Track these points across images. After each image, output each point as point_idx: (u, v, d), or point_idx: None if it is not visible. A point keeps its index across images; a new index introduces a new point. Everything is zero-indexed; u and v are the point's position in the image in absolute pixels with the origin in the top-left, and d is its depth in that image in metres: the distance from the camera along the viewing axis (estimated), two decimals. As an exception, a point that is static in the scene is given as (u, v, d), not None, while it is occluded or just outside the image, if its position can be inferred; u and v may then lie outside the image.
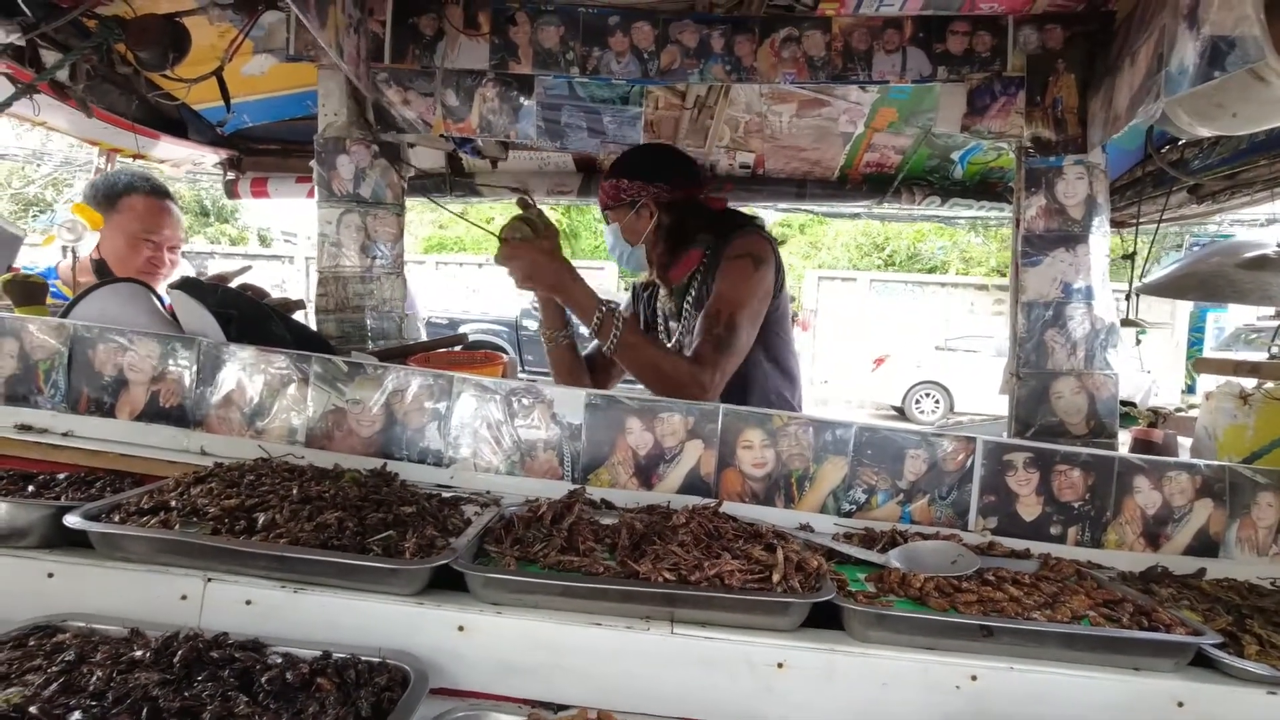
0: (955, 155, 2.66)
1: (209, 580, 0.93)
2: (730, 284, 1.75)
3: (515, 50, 1.87)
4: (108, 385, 1.35)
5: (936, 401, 12.75)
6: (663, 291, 2.03)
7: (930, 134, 2.48)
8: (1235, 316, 10.94)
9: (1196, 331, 10.80)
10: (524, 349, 10.86)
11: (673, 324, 2.03)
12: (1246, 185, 2.05)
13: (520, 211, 1.65)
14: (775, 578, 0.96)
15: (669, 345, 2.01)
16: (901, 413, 12.91)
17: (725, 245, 1.84)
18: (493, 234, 1.64)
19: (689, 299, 1.93)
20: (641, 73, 1.89)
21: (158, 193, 2.16)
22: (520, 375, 2.22)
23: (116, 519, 0.98)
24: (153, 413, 1.35)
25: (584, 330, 1.75)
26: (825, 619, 0.97)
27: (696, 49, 1.87)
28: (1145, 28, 1.46)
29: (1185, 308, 11.73)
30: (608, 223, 1.97)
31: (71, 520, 0.94)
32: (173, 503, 1.01)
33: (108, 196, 2.09)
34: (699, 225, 1.93)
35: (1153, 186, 2.29)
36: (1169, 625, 0.96)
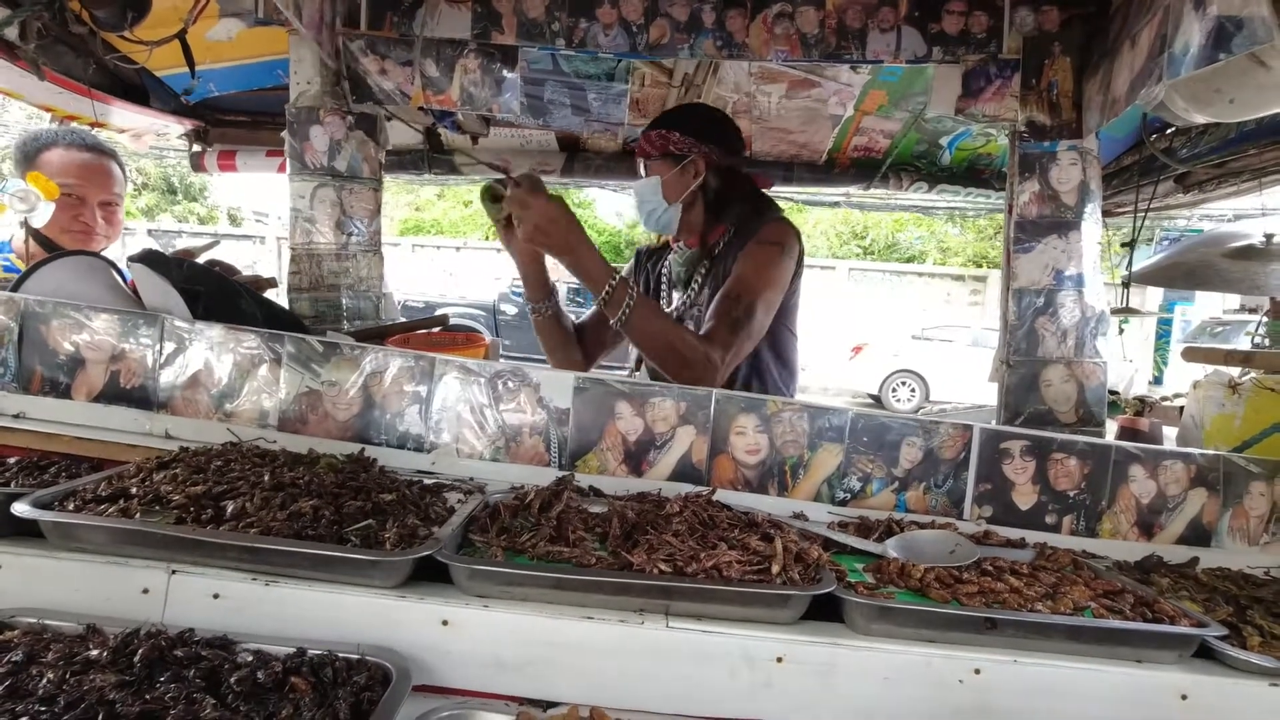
0: (944, 141, 2.64)
1: (173, 572, 0.87)
2: (754, 269, 1.68)
3: (498, 19, 1.79)
4: (63, 364, 1.27)
5: (912, 390, 12.89)
6: (674, 257, 1.93)
7: (920, 118, 2.46)
8: (1201, 309, 11.19)
9: (1164, 324, 11.05)
10: (502, 333, 10.74)
11: (675, 293, 1.95)
12: (1234, 175, 2.06)
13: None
14: (775, 569, 0.93)
15: (669, 313, 1.94)
16: (878, 401, 13.03)
17: (755, 229, 1.76)
18: (506, 173, 1.52)
19: (701, 271, 1.85)
20: (630, 47, 1.82)
21: (80, 145, 1.92)
22: (500, 358, 2.16)
23: (71, 506, 0.91)
24: (113, 394, 1.27)
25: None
26: (824, 611, 0.93)
27: (687, 23, 1.82)
28: (1147, 9, 1.43)
29: (1155, 300, 11.97)
30: (645, 173, 1.83)
31: (20, 508, 0.87)
32: (134, 489, 0.95)
33: (26, 156, 1.89)
34: (740, 198, 1.84)
35: (1140, 175, 2.29)
36: (1172, 617, 0.94)
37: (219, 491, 0.95)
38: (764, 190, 1.93)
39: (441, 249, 18.38)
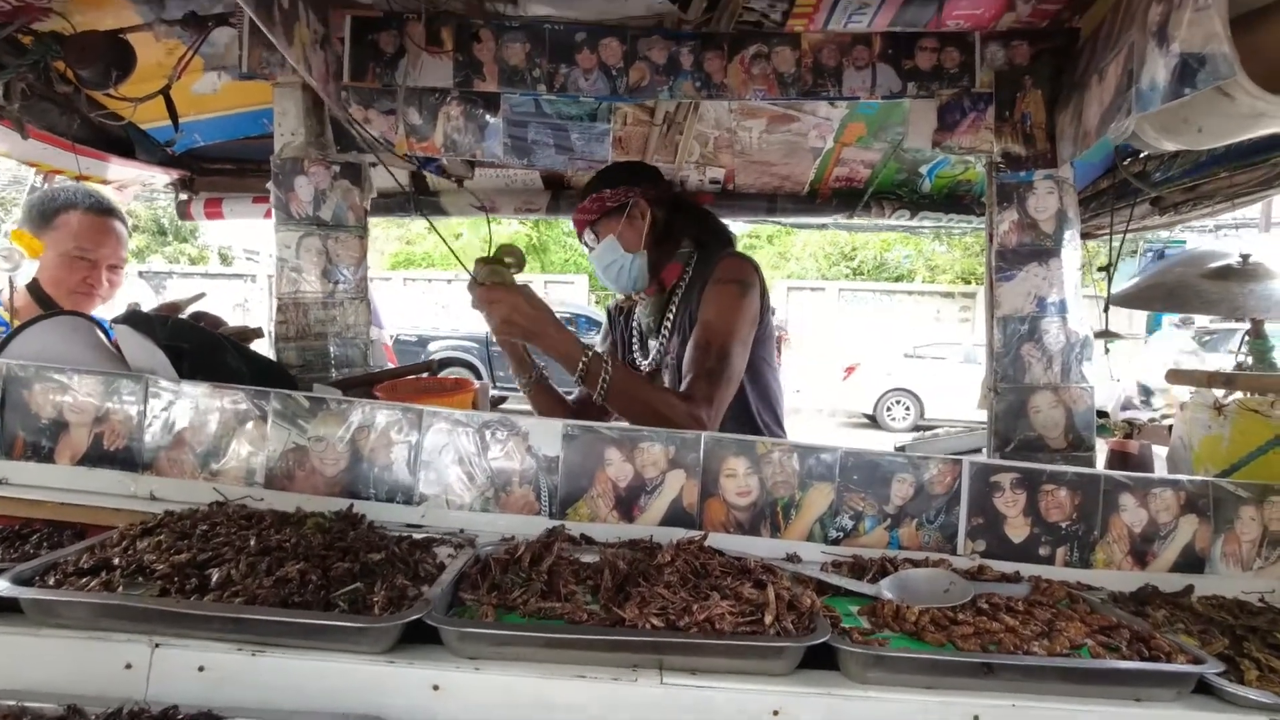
0: (923, 169, 2.68)
1: (156, 646, 0.85)
2: (718, 312, 1.71)
3: (480, 68, 1.82)
4: (45, 428, 1.25)
5: (907, 408, 12.91)
6: (640, 309, 1.98)
7: (899, 148, 2.50)
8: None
9: (1153, 333, 11.15)
10: (494, 365, 10.72)
11: (651, 341, 1.98)
12: (1207, 197, 2.09)
13: (492, 257, 1.57)
14: (768, 619, 0.92)
15: (646, 365, 1.96)
16: (873, 420, 13.04)
17: (709, 268, 1.80)
18: (467, 269, 1.56)
19: (669, 316, 1.88)
20: (610, 90, 1.85)
21: (98, 209, 2.01)
22: (491, 392, 2.16)
23: (52, 581, 0.90)
24: (96, 456, 1.25)
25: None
26: (820, 659, 0.92)
27: (665, 65, 1.84)
28: (1113, 45, 1.47)
29: (1142, 316, 12.09)
30: (596, 241, 1.86)
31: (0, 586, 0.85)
32: (116, 560, 0.93)
33: (43, 214, 1.95)
34: (689, 222, 1.91)
35: (1116, 199, 2.32)
36: (1168, 653, 0.94)
37: (204, 559, 0.94)
38: (707, 208, 2.00)
39: (433, 282, 18.43)
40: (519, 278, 1.57)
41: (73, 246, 1.92)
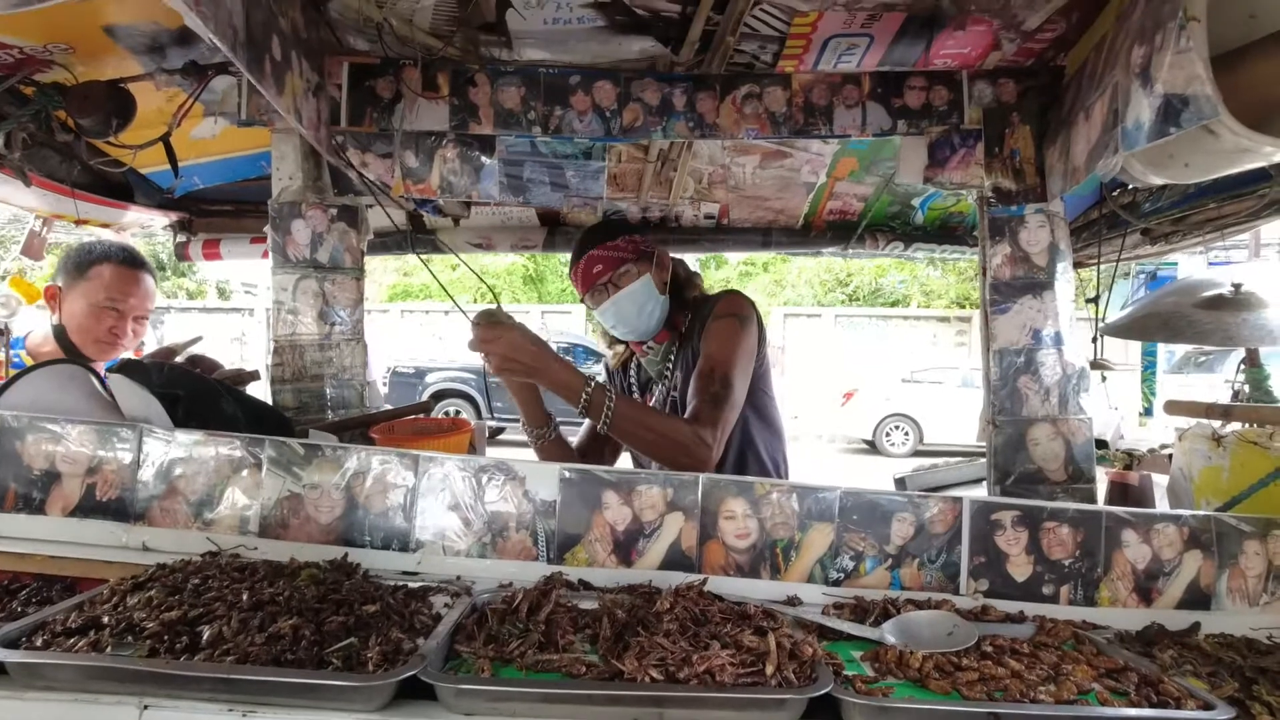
0: (916, 201, 2.71)
1: (145, 708, 0.84)
2: (719, 343, 1.74)
3: (475, 111, 1.84)
4: (37, 479, 1.24)
5: (906, 433, 12.88)
6: (646, 359, 2.00)
7: (891, 182, 2.52)
8: (1184, 340, 11.32)
9: (1149, 355, 11.17)
10: (492, 397, 10.70)
11: (655, 386, 2.00)
12: (1196, 228, 2.11)
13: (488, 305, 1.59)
14: (769, 669, 0.90)
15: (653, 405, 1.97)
16: (873, 446, 12.99)
17: (710, 307, 1.84)
18: (461, 309, 1.58)
19: (670, 359, 1.91)
20: (605, 131, 1.87)
21: (130, 262, 2.04)
22: (490, 424, 2.15)
23: (40, 641, 0.88)
24: (88, 507, 1.24)
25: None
26: (824, 708, 0.90)
27: (659, 106, 1.87)
28: (1097, 84, 1.49)
29: (1137, 343, 12.13)
30: (616, 290, 1.83)
31: (-15, 649, 0.84)
32: (105, 618, 0.92)
33: (78, 266, 1.98)
34: (686, 275, 1.96)
35: (1107, 229, 2.34)
36: (1178, 698, 0.92)
37: (195, 616, 0.92)
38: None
39: (430, 313, 18.47)
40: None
41: (103, 297, 1.95)
